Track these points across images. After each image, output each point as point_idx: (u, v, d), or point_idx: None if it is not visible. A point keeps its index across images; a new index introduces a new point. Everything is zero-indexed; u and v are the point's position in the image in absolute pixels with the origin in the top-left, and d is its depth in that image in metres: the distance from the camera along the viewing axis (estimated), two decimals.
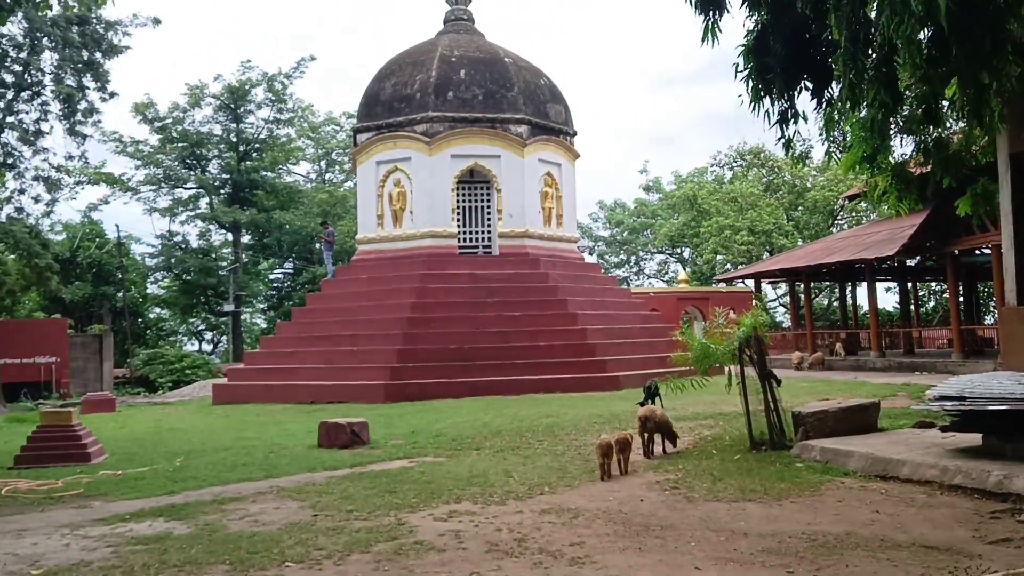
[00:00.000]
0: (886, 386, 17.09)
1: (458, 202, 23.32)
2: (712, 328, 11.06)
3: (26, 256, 26.86)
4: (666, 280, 51.24)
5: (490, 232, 23.49)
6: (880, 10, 5.91)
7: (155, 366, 33.32)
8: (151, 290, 47.91)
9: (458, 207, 23.32)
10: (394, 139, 23.55)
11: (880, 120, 7.37)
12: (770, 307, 45.53)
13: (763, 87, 7.78)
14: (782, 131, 8.14)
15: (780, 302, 47.24)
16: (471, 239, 23.44)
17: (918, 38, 6.10)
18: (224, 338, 49.49)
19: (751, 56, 7.78)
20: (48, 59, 26.53)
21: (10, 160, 26.36)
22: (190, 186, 45.22)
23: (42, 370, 28.64)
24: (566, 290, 22.37)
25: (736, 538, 6.14)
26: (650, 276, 53.79)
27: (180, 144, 43.88)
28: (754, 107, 7.93)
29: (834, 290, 41.66)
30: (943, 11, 5.26)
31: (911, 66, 5.98)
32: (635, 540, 6.18)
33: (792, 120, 8.01)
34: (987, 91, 6.61)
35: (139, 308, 45.87)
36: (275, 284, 50.79)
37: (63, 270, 35.50)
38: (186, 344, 50.46)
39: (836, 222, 44.85)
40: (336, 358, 20.21)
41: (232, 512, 7.52)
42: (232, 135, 45.33)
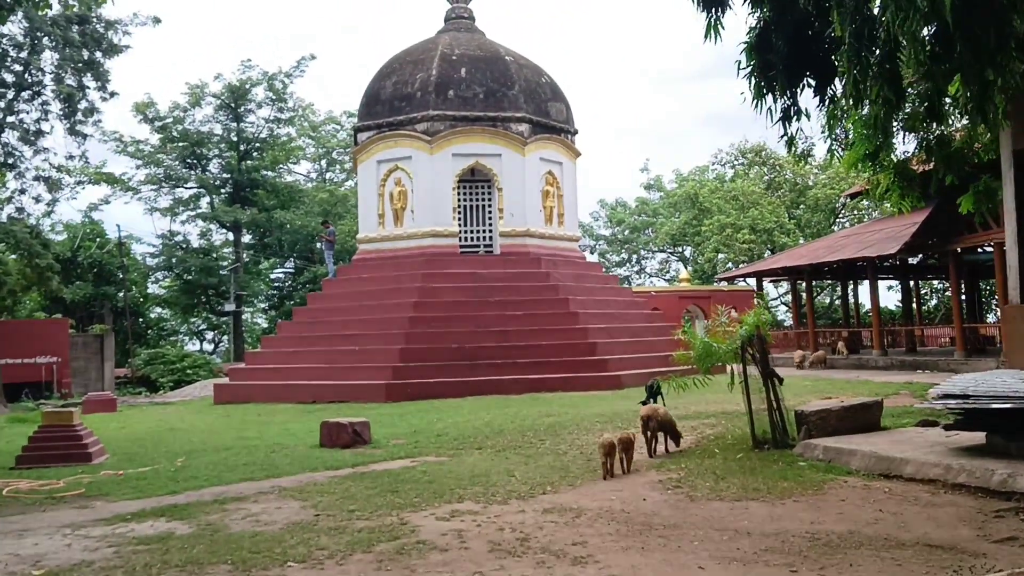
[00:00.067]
0: (888, 384, 17.08)
1: (459, 201, 23.29)
2: (714, 327, 11.02)
3: (27, 256, 26.84)
4: (667, 279, 51.23)
5: (491, 231, 23.46)
6: (884, 6, 5.88)
7: (156, 366, 33.37)
8: (152, 290, 47.91)
9: (459, 206, 23.30)
10: (395, 138, 23.53)
11: (883, 117, 7.36)
12: (772, 306, 45.47)
13: (765, 84, 7.77)
14: (785, 128, 8.13)
15: (782, 301, 47.21)
16: (472, 238, 23.42)
17: (922, 34, 6.08)
18: (225, 338, 49.50)
19: (753, 53, 7.76)
20: (48, 59, 26.49)
21: (11, 160, 26.32)
22: (191, 186, 45.23)
23: (43, 370, 28.66)
24: (567, 289, 22.34)
25: (739, 537, 6.12)
26: (651, 275, 53.81)
27: (181, 144, 43.87)
28: (756, 104, 7.92)
29: (836, 288, 41.63)
30: (948, 7, 5.24)
31: (915, 63, 5.96)
32: (638, 539, 6.16)
33: (795, 117, 8.00)
34: (991, 88, 6.59)
35: (140, 308, 45.87)
36: (276, 284, 50.81)
37: (64, 270, 35.47)
38: (187, 344, 50.47)
39: (838, 220, 44.78)
40: (337, 357, 20.19)
41: (234, 512, 7.51)
42: (232, 134, 45.31)
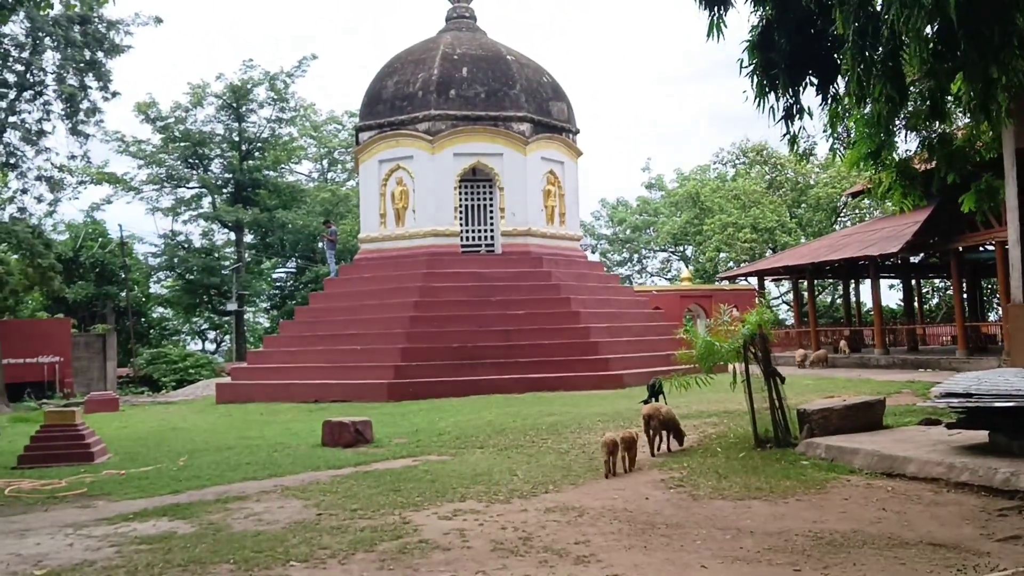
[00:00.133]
0: (890, 383, 17.04)
1: (460, 200, 23.28)
2: (716, 325, 11.00)
3: (29, 256, 26.88)
4: (669, 278, 51.20)
5: (493, 230, 23.45)
6: (888, 3, 5.87)
7: (158, 365, 33.40)
8: (154, 289, 47.90)
9: (460, 205, 23.28)
10: (396, 137, 23.52)
11: (886, 115, 7.34)
12: (773, 305, 45.41)
13: (768, 83, 7.76)
14: (787, 127, 8.12)
15: (783, 300, 47.15)
16: (474, 238, 23.41)
17: (925, 32, 6.06)
18: (227, 337, 49.48)
19: (756, 51, 7.75)
20: (50, 59, 26.51)
21: (13, 160, 26.35)
22: (192, 185, 45.23)
23: (45, 370, 28.69)
24: (569, 288, 22.33)
25: (742, 536, 6.11)
26: (653, 274, 53.77)
27: (182, 143, 43.86)
28: (759, 103, 7.91)
29: (837, 287, 41.58)
30: (952, 4, 5.22)
31: (918, 60, 5.95)
32: (640, 538, 6.15)
33: (797, 116, 7.99)
34: (995, 85, 6.58)
35: (142, 308, 45.87)
36: (278, 283, 50.82)
37: (66, 270, 35.53)
38: (189, 343, 50.48)
39: (839, 219, 44.75)
40: (339, 357, 20.19)
41: (236, 511, 7.50)
42: (234, 134, 45.31)
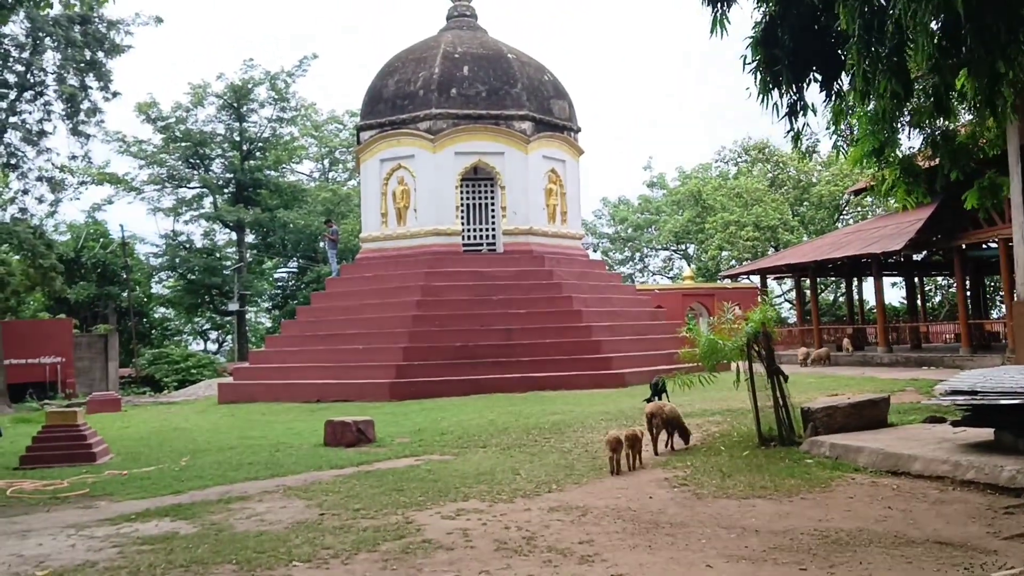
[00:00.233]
0: (894, 381, 17.00)
1: (462, 199, 23.25)
2: (719, 324, 10.96)
3: (30, 256, 26.87)
4: (671, 277, 51.16)
5: (494, 229, 23.42)
6: None
7: (160, 366, 33.41)
8: (156, 290, 47.93)
9: (462, 204, 23.25)
10: (397, 136, 23.48)
11: (891, 110, 7.30)
12: (775, 303, 45.35)
13: (771, 79, 7.72)
14: (791, 124, 8.07)
15: (786, 298, 47.11)
16: (475, 237, 23.38)
17: (931, 26, 6.02)
18: (229, 337, 49.50)
19: (759, 48, 7.71)
20: (51, 59, 26.49)
21: (13, 160, 26.34)
22: (194, 185, 45.23)
23: (47, 370, 28.71)
24: (571, 287, 22.29)
25: (747, 535, 6.08)
26: (655, 273, 53.74)
27: (183, 143, 43.85)
28: (762, 100, 7.87)
29: (840, 285, 41.52)
30: None
31: (923, 55, 5.90)
32: (645, 537, 6.12)
33: (801, 112, 7.94)
34: (1001, 80, 6.54)
35: (144, 308, 45.89)
36: (279, 283, 50.84)
37: (67, 270, 35.55)
38: (191, 343, 50.53)
39: (841, 217, 44.68)
40: (341, 356, 20.17)
41: (238, 511, 7.48)
42: (235, 134, 45.30)
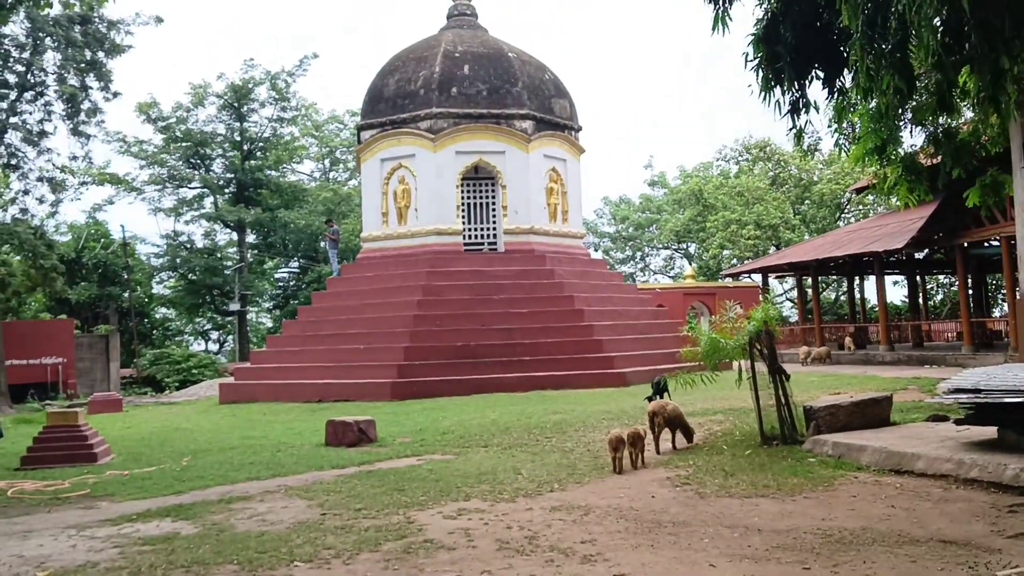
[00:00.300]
0: (896, 380, 16.97)
1: (463, 199, 23.22)
2: (720, 322, 10.93)
3: (31, 257, 26.85)
4: (672, 276, 51.11)
5: (495, 229, 23.39)
6: None
7: (161, 366, 33.41)
8: (157, 290, 47.93)
9: (463, 204, 23.22)
10: (398, 136, 23.45)
11: (893, 107, 7.27)
12: (777, 302, 45.30)
13: (773, 76, 7.68)
14: (793, 121, 8.04)
15: (787, 297, 47.06)
16: (476, 236, 23.35)
17: (935, 22, 5.99)
18: (230, 337, 49.51)
19: (761, 45, 7.68)
20: (51, 59, 26.48)
21: (14, 161, 26.33)
22: (194, 186, 45.22)
23: (48, 371, 28.71)
24: (572, 286, 22.26)
25: (750, 534, 6.05)
26: (656, 271, 53.69)
27: (184, 144, 43.85)
28: (764, 97, 7.83)
29: (841, 284, 41.47)
30: None
31: (927, 51, 5.87)
32: (647, 537, 6.10)
33: (803, 110, 7.91)
34: (1004, 76, 6.50)
35: (145, 308, 45.90)
36: (280, 283, 50.83)
37: (68, 271, 35.54)
38: (192, 344, 50.56)
39: (843, 215, 44.62)
40: (342, 356, 20.15)
41: (240, 511, 7.47)
42: (236, 134, 45.30)
